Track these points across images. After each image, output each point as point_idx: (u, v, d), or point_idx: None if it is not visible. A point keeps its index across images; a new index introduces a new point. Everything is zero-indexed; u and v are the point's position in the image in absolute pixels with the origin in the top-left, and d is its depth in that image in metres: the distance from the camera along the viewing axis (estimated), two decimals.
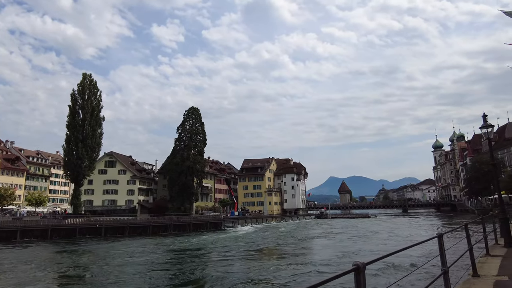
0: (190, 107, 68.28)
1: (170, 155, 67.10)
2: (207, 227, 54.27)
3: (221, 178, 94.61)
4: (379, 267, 16.73)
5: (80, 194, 57.70)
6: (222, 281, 16.94)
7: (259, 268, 19.85)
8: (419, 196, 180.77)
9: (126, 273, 19.91)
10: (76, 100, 55.81)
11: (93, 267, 22.15)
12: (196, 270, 20.38)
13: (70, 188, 78.48)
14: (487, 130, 10.37)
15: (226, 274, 18.58)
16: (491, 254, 8.28)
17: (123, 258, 25.73)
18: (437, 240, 4.53)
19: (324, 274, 16.71)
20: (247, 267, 20.51)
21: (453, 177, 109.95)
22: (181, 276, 18.70)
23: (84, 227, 46.34)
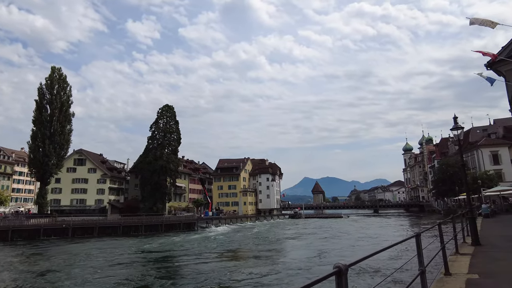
0: (164, 105, 66.87)
1: (143, 153, 65.43)
2: (180, 228, 53.32)
3: (196, 178, 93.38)
4: (350, 269, 16.83)
5: (47, 193, 54.96)
6: (189, 284, 16.29)
7: (231, 270, 19.09)
8: (390, 197, 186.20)
9: (84, 276, 18.65)
10: (44, 94, 53.16)
11: (49, 270, 20.50)
12: (162, 272, 19.52)
13: (36, 187, 74.80)
14: (457, 131, 10.61)
15: (195, 276, 17.84)
16: (460, 253, 8.43)
17: (86, 260, 24.43)
18: (413, 240, 4.44)
19: (300, 275, 16.49)
20: (218, 269, 19.65)
21: (421, 179, 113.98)
22: (145, 278, 17.84)
23: (49, 227, 44.12)
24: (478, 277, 5.91)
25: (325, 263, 19.06)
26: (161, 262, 23.28)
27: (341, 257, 20.58)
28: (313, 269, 18.02)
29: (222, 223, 64.97)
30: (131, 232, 48.16)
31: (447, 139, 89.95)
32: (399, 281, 13.11)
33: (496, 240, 10.90)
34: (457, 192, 60.33)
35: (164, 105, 66.93)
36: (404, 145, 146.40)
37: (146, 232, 48.77)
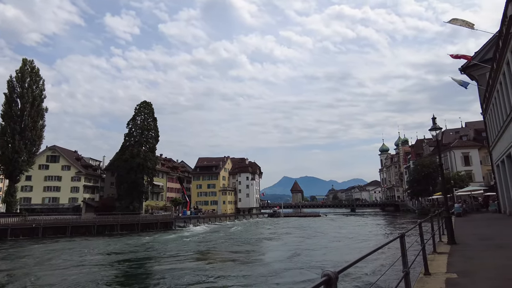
0: (142, 101, 65.38)
1: (119, 151, 63.72)
2: (157, 227, 52.37)
3: (174, 177, 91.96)
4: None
5: (16, 191, 52.47)
6: (161, 285, 15.68)
7: (203, 273, 18.21)
8: (366, 196, 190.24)
9: (48, 278, 17.61)
10: (14, 87, 50.69)
11: (9, 272, 19.34)
12: (123, 274, 18.71)
13: (4, 185, 71.49)
14: (435, 132, 10.76)
15: (160, 279, 17.13)
16: (438, 252, 8.50)
17: (53, 260, 23.36)
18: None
19: (276, 278, 16.00)
20: (195, 269, 18.86)
21: (397, 179, 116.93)
22: (115, 279, 17.22)
23: (17, 227, 42.13)
24: (457, 276, 5.91)
25: (303, 266, 18.47)
26: (126, 263, 22.35)
27: (318, 261, 20.04)
28: (290, 272, 17.23)
29: (201, 222, 64.28)
30: (106, 232, 46.91)
31: (422, 141, 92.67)
32: (380, 282, 12.90)
33: (470, 239, 11.12)
34: (431, 192, 62.12)
35: (142, 102, 65.46)
36: (381, 146, 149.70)
37: (122, 232, 47.68)
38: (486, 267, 6.68)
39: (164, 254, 26.35)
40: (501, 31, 16.65)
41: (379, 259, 17.98)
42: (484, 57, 27.49)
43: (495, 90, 21.19)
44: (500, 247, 9.13)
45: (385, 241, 3.65)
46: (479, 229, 15.02)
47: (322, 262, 19.48)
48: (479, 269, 6.52)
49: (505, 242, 10.17)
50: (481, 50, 29.35)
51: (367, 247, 25.35)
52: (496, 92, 20.83)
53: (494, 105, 22.38)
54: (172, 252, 27.44)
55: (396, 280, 3.87)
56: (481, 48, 29.75)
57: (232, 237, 39.58)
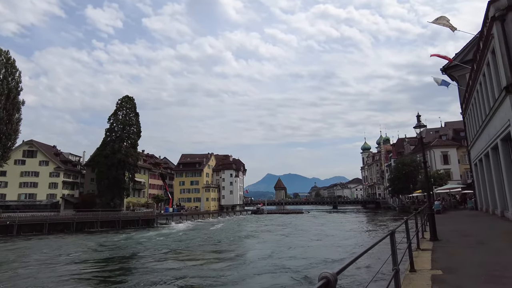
0: (124, 96, 63.94)
1: (100, 146, 62.25)
2: (138, 224, 51.56)
3: (156, 173, 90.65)
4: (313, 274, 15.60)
5: None
6: (136, 285, 15.15)
7: (187, 270, 17.92)
8: (348, 193, 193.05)
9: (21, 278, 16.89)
10: None
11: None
12: (106, 272, 18.24)
13: None
14: (420, 129, 10.84)
15: (145, 276, 16.74)
16: (421, 248, 8.55)
17: (27, 258, 22.64)
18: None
19: (257, 278, 15.68)
20: (173, 269, 18.54)
21: (378, 177, 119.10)
22: (82, 279, 16.62)
23: None
24: (442, 273, 5.92)
25: (277, 269, 17.48)
26: (100, 262, 21.70)
27: (295, 263, 18.64)
28: (273, 274, 16.75)
29: (183, 219, 63.70)
30: (86, 229, 45.88)
31: (403, 140, 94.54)
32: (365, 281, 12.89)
33: (451, 236, 11.29)
34: (411, 190, 63.47)
35: (124, 96, 64.05)
36: (363, 144, 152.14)
37: (102, 228, 46.73)
38: (469, 263, 6.73)
39: (143, 252, 25.75)
40: (482, 32, 16.97)
41: (362, 257, 18.10)
42: (464, 59, 28.12)
43: (474, 90, 21.69)
44: (480, 243, 9.28)
45: (374, 240, 3.53)
46: (459, 226, 15.35)
47: (299, 263, 18.58)
48: (463, 265, 6.55)
49: (485, 238, 10.37)
50: (461, 52, 30.03)
51: (349, 245, 25.57)
52: (476, 93, 21.32)
53: (474, 105, 22.92)
54: (152, 250, 26.88)
55: (385, 278, 3.77)
56: (461, 50, 30.45)
57: (214, 235, 38.99)
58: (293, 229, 42.70)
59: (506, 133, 15.12)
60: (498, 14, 14.01)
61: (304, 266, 17.62)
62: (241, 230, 45.17)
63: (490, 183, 21.39)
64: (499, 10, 14.04)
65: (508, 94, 13.50)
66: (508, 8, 13.76)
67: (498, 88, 15.32)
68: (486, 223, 16.32)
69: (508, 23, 13.75)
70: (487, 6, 15.00)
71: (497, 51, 14.53)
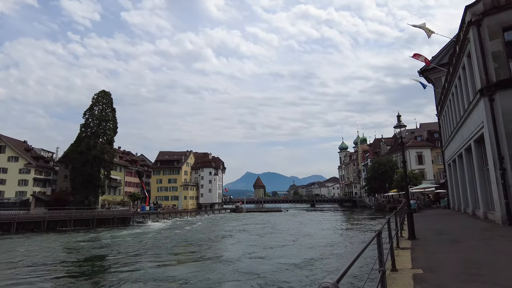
0: (101, 91, 62.09)
1: (74, 142, 60.21)
2: (113, 223, 50.28)
3: (133, 170, 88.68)
4: (290, 276, 15.41)
5: None
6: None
7: (159, 271, 17.39)
8: (325, 192, 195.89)
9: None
10: None
11: None
12: (73, 274, 17.42)
13: None
14: (400, 129, 10.97)
15: (115, 277, 16.15)
16: (401, 247, 8.63)
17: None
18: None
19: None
20: (146, 268, 18.02)
21: (355, 176, 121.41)
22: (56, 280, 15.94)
23: None
24: (422, 272, 5.95)
25: (254, 271, 16.94)
26: (66, 262, 20.95)
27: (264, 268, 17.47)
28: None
29: (160, 218, 62.62)
30: (58, 227, 44.27)
31: (380, 140, 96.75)
32: (355, 281, 12.74)
33: (428, 234, 11.52)
34: (387, 189, 64.99)
35: (101, 91, 62.18)
36: (340, 144, 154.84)
37: (76, 227, 45.22)
38: (448, 262, 6.81)
39: (116, 252, 24.99)
40: (459, 36, 17.44)
41: (339, 255, 18.23)
42: (440, 62, 28.98)
43: (450, 93, 22.33)
44: (456, 242, 9.48)
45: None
46: (434, 224, 15.74)
47: (268, 268, 17.61)
48: (442, 264, 6.62)
49: (460, 236, 10.63)
50: (438, 55, 30.96)
51: (324, 247, 25.78)
52: (451, 95, 21.95)
53: (449, 107, 23.60)
54: (125, 249, 26.14)
55: (373, 279, 3.68)
56: (437, 53, 31.40)
57: (189, 235, 38.10)
58: (270, 229, 41.97)
59: (479, 135, 15.60)
60: (475, 19, 14.41)
61: (273, 270, 16.87)
62: (217, 230, 44.54)
63: (462, 183, 22.11)
64: (476, 15, 14.44)
65: (483, 96, 13.92)
66: (484, 13, 14.18)
67: (473, 91, 15.78)
68: (459, 221, 16.83)
69: (484, 28, 14.17)
70: (464, 11, 15.40)
71: (472, 55, 14.96)
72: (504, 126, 13.07)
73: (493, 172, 13.62)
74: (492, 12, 14.03)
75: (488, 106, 13.61)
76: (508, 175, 12.84)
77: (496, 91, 13.44)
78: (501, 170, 13.02)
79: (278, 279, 14.83)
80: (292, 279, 14.85)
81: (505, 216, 12.83)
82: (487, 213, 16.31)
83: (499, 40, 13.76)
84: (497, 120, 13.31)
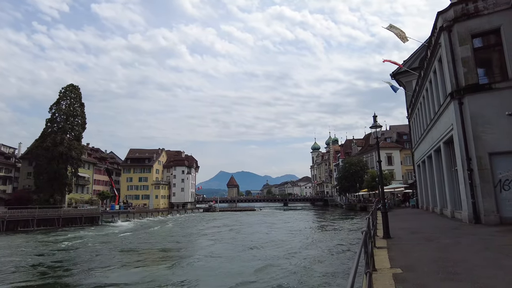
0: (69, 84, 59.39)
1: (39, 138, 57.26)
2: (81, 222, 48.36)
3: (102, 168, 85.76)
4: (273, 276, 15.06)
5: None
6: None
7: (119, 273, 16.65)
8: (298, 191, 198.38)
9: None
10: None
11: None
12: (29, 279, 16.29)
13: None
14: (376, 129, 11.13)
15: (77, 282, 15.37)
16: (377, 246, 8.71)
17: None
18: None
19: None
20: (111, 271, 17.20)
21: (327, 176, 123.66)
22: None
23: None
24: (401, 271, 5.98)
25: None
26: (60, 261, 20.07)
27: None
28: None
29: (131, 217, 60.91)
30: (19, 228, 41.89)
31: (351, 141, 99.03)
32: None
33: (401, 233, 11.77)
34: (357, 188, 66.58)
35: (69, 85, 59.51)
36: (313, 144, 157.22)
37: (40, 227, 43.01)
38: (425, 260, 6.92)
39: (79, 253, 23.86)
40: (430, 41, 18.02)
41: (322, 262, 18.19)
42: (411, 66, 29.93)
43: (421, 96, 23.08)
44: (429, 240, 9.72)
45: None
46: (406, 223, 16.16)
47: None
48: (419, 263, 6.72)
49: (432, 235, 10.92)
50: (409, 59, 31.97)
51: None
52: (422, 98, 22.69)
53: (419, 109, 24.40)
54: (90, 251, 25.06)
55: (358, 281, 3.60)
56: (409, 57, 32.43)
57: (167, 232, 37.25)
58: (236, 232, 37.35)
59: (449, 137, 16.18)
60: (446, 25, 14.91)
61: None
62: (196, 228, 43.53)
63: (431, 183, 22.92)
64: (447, 21, 14.94)
65: (453, 100, 14.42)
66: (455, 20, 14.69)
67: (444, 94, 16.35)
68: (428, 220, 17.39)
69: (454, 33, 14.68)
70: (436, 17, 15.90)
71: (443, 59, 15.47)
72: (472, 128, 13.61)
73: (461, 173, 14.16)
74: (462, 19, 14.57)
75: (458, 109, 14.12)
76: (475, 175, 13.38)
77: (465, 95, 13.97)
78: (469, 171, 13.55)
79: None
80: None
81: (472, 215, 13.38)
82: (454, 212, 16.98)
83: (468, 46, 14.30)
84: (465, 123, 13.83)
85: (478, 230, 11.43)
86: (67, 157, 54.76)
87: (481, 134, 13.42)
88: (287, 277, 14.99)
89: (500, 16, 13.62)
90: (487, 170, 13.13)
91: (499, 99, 13.23)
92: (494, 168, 13.15)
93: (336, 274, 15.11)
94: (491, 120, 13.30)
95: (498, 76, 14.30)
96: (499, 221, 12.60)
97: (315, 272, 15.85)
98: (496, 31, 13.85)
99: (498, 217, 12.70)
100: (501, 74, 14.11)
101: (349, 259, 17.29)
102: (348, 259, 17.31)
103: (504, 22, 13.51)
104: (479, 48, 14.68)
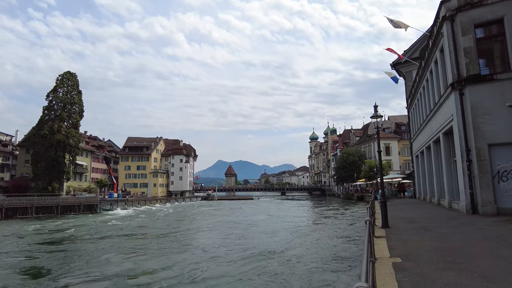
0: (66, 72, 58.81)
1: (36, 125, 56.96)
2: (79, 210, 48.49)
3: (100, 156, 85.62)
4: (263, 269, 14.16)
5: None
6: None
7: (135, 264, 16.01)
8: (295, 181, 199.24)
9: None
10: None
11: None
12: (25, 266, 16.07)
13: None
14: (376, 119, 11.09)
15: (76, 268, 15.15)
16: (376, 236, 8.76)
17: None
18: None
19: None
20: (108, 260, 16.86)
21: (324, 166, 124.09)
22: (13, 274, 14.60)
23: None
24: (401, 260, 6.02)
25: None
26: (58, 248, 20.06)
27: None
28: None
29: (129, 205, 61.08)
30: (18, 215, 42.02)
31: (349, 131, 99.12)
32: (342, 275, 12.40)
33: (400, 223, 11.86)
34: (355, 178, 66.87)
35: (66, 72, 58.91)
36: (311, 134, 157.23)
37: (38, 215, 43.16)
38: (424, 250, 6.97)
39: (79, 240, 23.91)
40: (432, 30, 17.86)
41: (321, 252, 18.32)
42: (411, 56, 29.73)
43: (421, 86, 22.99)
44: (428, 230, 9.79)
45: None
46: (403, 213, 16.28)
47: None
48: (418, 252, 6.76)
49: (430, 225, 11.01)
50: (409, 49, 31.73)
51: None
52: (422, 88, 22.60)
53: (419, 100, 24.34)
54: (91, 237, 25.08)
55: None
56: (409, 48, 32.18)
57: (159, 222, 36.75)
58: (234, 224, 34.54)
59: (448, 127, 16.18)
60: (449, 14, 14.73)
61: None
62: (192, 216, 43.68)
63: (429, 174, 23.02)
64: (450, 11, 14.77)
65: (454, 90, 14.37)
66: (458, 9, 14.52)
67: (444, 84, 16.27)
68: (426, 210, 17.51)
69: (457, 23, 14.52)
70: (439, 6, 15.71)
71: (445, 49, 15.34)
72: (472, 119, 13.59)
73: (460, 164, 14.20)
74: (465, 8, 14.39)
75: (458, 100, 14.07)
76: (474, 166, 13.43)
77: (466, 85, 13.91)
78: (468, 162, 13.59)
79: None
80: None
81: (469, 205, 13.48)
82: (451, 202, 17.10)
83: (471, 36, 14.16)
84: (465, 114, 13.81)
85: (475, 220, 11.52)
86: (64, 145, 54.58)
87: (481, 125, 13.41)
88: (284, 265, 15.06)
89: (503, 6, 13.45)
90: (486, 161, 13.17)
91: (500, 90, 13.18)
92: (493, 159, 13.19)
93: (341, 260, 15.11)
94: (491, 111, 13.28)
95: (500, 67, 14.22)
96: (496, 212, 12.70)
97: (318, 258, 15.93)
98: (499, 21, 13.70)
99: (495, 208, 12.80)
100: (502, 65, 14.02)
101: (345, 250, 17.41)
102: (345, 251, 17.43)
103: (507, 12, 13.35)
104: (481, 38, 14.56)
